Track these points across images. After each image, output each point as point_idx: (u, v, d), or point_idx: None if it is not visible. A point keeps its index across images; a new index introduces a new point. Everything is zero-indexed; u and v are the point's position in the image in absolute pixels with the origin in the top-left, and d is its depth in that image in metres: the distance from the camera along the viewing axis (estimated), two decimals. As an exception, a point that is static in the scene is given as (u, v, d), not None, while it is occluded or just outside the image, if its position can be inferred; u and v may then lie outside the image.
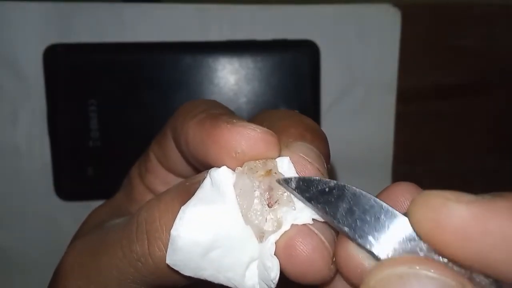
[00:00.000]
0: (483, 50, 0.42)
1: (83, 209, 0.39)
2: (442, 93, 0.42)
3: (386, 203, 0.14)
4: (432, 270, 0.12)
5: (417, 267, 0.12)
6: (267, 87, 0.38)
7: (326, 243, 0.15)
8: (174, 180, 0.21)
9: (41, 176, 0.38)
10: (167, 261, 0.15)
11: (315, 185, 0.15)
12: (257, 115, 0.20)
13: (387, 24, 0.39)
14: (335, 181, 0.15)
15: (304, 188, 0.15)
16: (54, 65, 0.36)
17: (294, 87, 0.38)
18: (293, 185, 0.15)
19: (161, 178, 0.22)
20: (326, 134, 0.41)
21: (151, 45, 0.37)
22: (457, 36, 0.41)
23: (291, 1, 0.40)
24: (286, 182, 0.15)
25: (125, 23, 0.38)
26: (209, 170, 0.16)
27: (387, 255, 0.13)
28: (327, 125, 0.40)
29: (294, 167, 0.16)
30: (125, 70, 0.37)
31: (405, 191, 0.16)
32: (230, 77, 0.37)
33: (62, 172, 0.38)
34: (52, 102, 0.37)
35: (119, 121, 0.37)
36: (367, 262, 0.14)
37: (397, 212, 0.14)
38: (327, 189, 0.15)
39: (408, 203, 0.16)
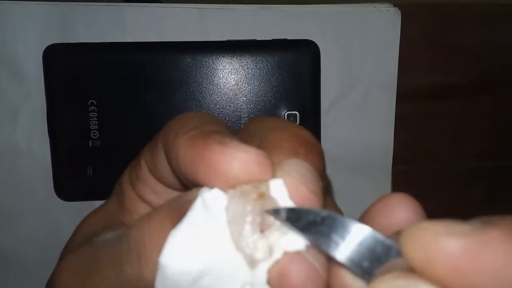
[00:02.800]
0: (483, 50, 0.42)
1: (83, 209, 0.39)
2: (442, 93, 0.42)
3: (380, 233, 0.14)
4: (430, 285, 0.12)
5: (415, 281, 0.12)
6: (267, 87, 0.38)
7: (320, 270, 0.15)
8: (164, 190, 0.21)
9: (41, 176, 0.38)
10: (157, 287, 0.15)
11: (306, 216, 0.14)
12: (248, 125, 0.19)
13: (387, 24, 0.39)
14: (326, 211, 0.14)
15: (295, 219, 0.14)
16: (54, 65, 0.36)
17: (294, 87, 0.38)
18: (283, 215, 0.15)
19: (151, 187, 0.21)
20: (326, 134, 0.42)
21: (151, 45, 0.37)
22: (457, 36, 0.41)
23: (291, 1, 0.39)
24: (275, 212, 0.15)
25: (125, 23, 0.38)
26: (201, 190, 0.15)
27: None
28: (327, 125, 0.40)
29: (287, 189, 0.15)
30: (125, 70, 0.37)
31: (399, 203, 0.16)
32: (230, 77, 0.37)
33: (62, 172, 0.38)
34: (52, 102, 0.37)
35: (119, 121, 0.37)
36: None
37: (391, 242, 0.13)
38: (318, 219, 0.14)
39: (404, 215, 0.16)
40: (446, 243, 0.12)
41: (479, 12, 0.41)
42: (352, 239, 0.14)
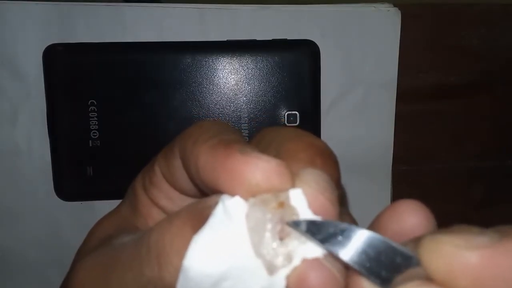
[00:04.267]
0: (483, 50, 0.42)
1: (83, 209, 0.39)
2: (442, 93, 0.42)
3: (397, 243, 0.14)
4: None
5: None
6: (267, 87, 0.38)
7: (338, 277, 0.15)
8: (178, 196, 0.21)
9: (41, 176, 0.38)
10: None
11: (326, 228, 0.15)
12: (262, 135, 0.20)
13: (387, 24, 0.39)
14: (346, 224, 0.15)
15: (315, 231, 0.15)
16: (54, 65, 0.36)
17: (294, 87, 0.38)
18: (303, 228, 0.15)
19: (165, 193, 0.21)
20: (326, 134, 0.42)
21: (151, 45, 0.37)
22: (457, 36, 0.41)
23: (291, 1, 0.40)
24: (296, 224, 0.15)
25: (125, 24, 0.38)
26: (222, 197, 0.16)
27: None
28: (327, 125, 0.40)
29: (306, 198, 0.16)
30: (125, 70, 0.37)
31: (410, 209, 0.16)
32: (230, 77, 0.37)
33: (62, 172, 0.38)
34: (52, 102, 0.37)
35: (119, 121, 0.37)
36: None
37: (409, 252, 0.14)
38: (338, 231, 0.15)
39: (415, 222, 0.16)
40: (467, 255, 0.12)
41: (479, 12, 0.41)
42: (371, 249, 0.14)
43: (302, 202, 0.15)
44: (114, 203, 0.24)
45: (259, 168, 0.15)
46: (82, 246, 0.22)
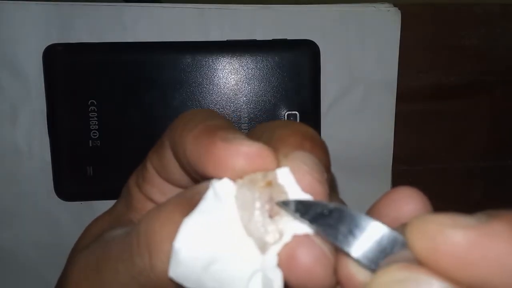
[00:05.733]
0: (483, 50, 0.42)
1: (83, 209, 0.39)
2: (442, 93, 0.42)
3: (386, 225, 0.14)
4: (433, 277, 0.12)
5: (417, 273, 0.12)
6: (267, 87, 0.38)
7: (328, 253, 0.15)
8: (171, 189, 0.21)
9: (41, 176, 0.38)
10: (170, 274, 0.15)
11: (314, 208, 0.15)
12: (257, 127, 0.20)
13: (387, 24, 0.39)
14: (334, 204, 0.15)
15: (303, 211, 0.15)
16: (54, 65, 0.36)
17: (294, 87, 0.38)
18: (292, 207, 0.15)
19: (158, 188, 0.21)
20: (326, 134, 0.42)
21: (151, 45, 0.37)
22: (457, 36, 0.41)
23: (291, 1, 0.40)
24: (285, 204, 0.15)
25: (125, 24, 0.38)
26: (212, 181, 0.16)
27: None
28: (327, 125, 0.40)
29: (294, 177, 0.16)
30: (125, 70, 0.37)
31: (407, 196, 0.16)
32: (230, 77, 0.37)
33: (62, 172, 0.38)
34: (52, 102, 0.37)
35: (119, 121, 0.37)
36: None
37: (397, 234, 0.14)
38: (326, 212, 0.15)
39: (411, 208, 0.16)
40: (452, 235, 0.12)
41: (479, 12, 0.41)
42: (359, 231, 0.14)
43: (290, 180, 0.16)
44: (114, 203, 0.24)
45: (241, 154, 0.15)
46: (76, 244, 0.22)
